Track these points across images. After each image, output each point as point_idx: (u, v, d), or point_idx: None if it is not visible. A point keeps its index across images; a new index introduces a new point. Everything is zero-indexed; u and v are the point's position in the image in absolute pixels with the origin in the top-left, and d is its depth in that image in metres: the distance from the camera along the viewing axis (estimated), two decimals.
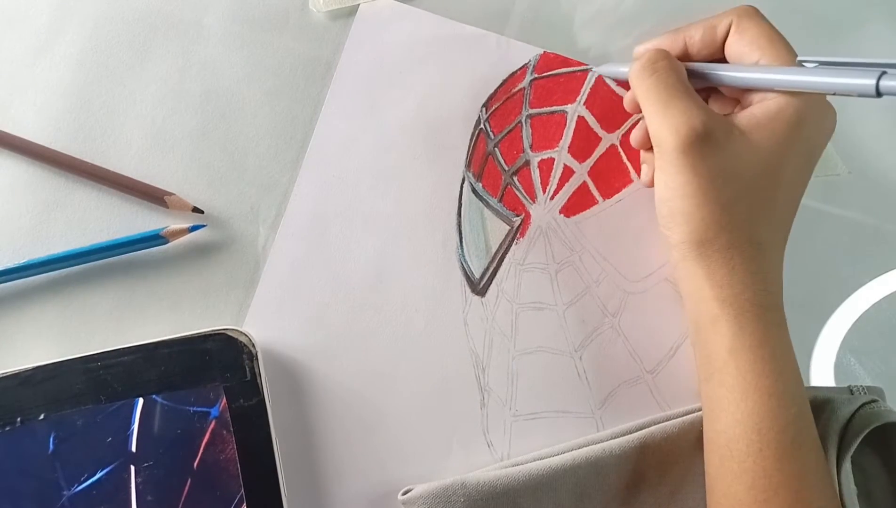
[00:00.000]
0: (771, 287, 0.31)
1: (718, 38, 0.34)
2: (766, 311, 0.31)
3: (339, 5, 0.41)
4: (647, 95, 0.33)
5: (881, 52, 0.45)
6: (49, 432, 0.32)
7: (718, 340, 0.31)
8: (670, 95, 0.32)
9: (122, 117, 0.38)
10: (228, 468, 0.32)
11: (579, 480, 0.33)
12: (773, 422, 0.29)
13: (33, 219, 0.37)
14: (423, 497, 0.32)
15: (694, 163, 0.31)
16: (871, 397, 0.34)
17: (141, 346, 0.33)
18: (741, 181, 0.31)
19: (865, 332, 0.39)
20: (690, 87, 0.33)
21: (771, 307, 0.31)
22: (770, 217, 0.32)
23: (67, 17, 0.40)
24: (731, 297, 0.31)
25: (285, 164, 0.39)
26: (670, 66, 0.33)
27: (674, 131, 0.31)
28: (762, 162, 0.31)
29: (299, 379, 0.36)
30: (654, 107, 0.32)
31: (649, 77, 0.33)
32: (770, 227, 0.32)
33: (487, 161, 0.39)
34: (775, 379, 0.30)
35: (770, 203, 0.32)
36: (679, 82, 0.32)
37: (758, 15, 0.33)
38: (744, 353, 0.30)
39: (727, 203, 0.31)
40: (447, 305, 0.37)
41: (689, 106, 0.31)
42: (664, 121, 0.31)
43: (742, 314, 0.30)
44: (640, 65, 0.34)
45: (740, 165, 0.31)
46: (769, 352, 0.30)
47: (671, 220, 0.32)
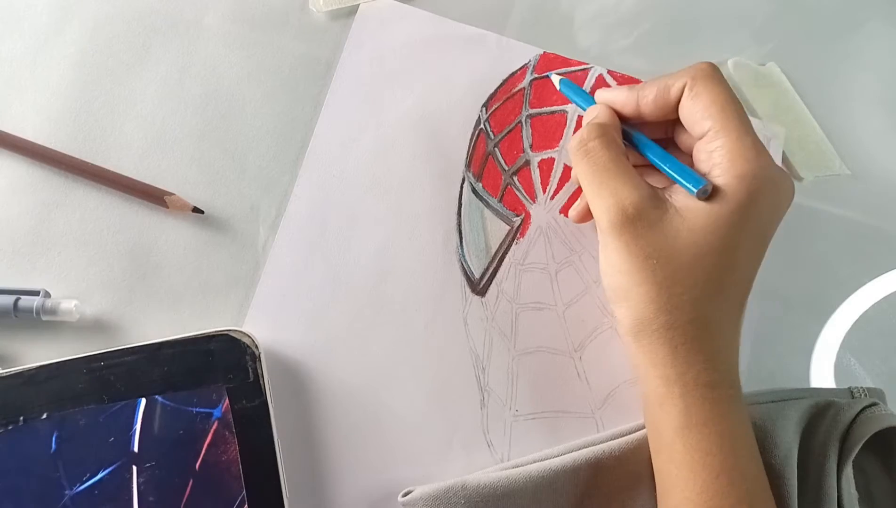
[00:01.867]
0: (719, 365, 0.30)
1: (672, 100, 0.33)
2: (712, 389, 0.30)
3: (339, 5, 0.41)
4: (582, 176, 0.33)
5: (881, 51, 0.45)
6: (51, 431, 0.32)
7: (666, 418, 0.30)
8: (602, 177, 0.32)
9: (122, 117, 0.38)
10: (230, 469, 0.32)
11: (580, 481, 0.33)
12: (722, 500, 0.29)
13: (33, 219, 0.37)
14: (423, 498, 0.32)
15: (627, 242, 0.30)
16: (871, 400, 0.34)
17: (144, 346, 0.33)
18: (679, 261, 0.30)
19: (865, 332, 0.39)
20: (625, 163, 0.32)
21: (718, 384, 0.30)
22: (716, 297, 0.30)
23: (67, 17, 0.40)
24: (674, 376, 0.30)
25: (285, 164, 0.39)
26: (602, 145, 0.33)
27: (606, 211, 0.31)
28: (701, 243, 0.30)
29: (299, 378, 0.36)
30: (589, 187, 0.32)
31: (582, 157, 0.33)
32: (716, 307, 0.30)
33: (487, 161, 0.39)
34: (724, 457, 0.29)
35: (716, 283, 0.30)
36: (611, 161, 0.32)
37: (714, 76, 0.32)
38: (690, 432, 0.30)
39: (664, 283, 0.30)
40: (447, 305, 0.37)
41: (621, 186, 0.31)
42: (597, 201, 0.32)
43: (687, 393, 0.30)
44: (574, 145, 0.34)
45: (677, 245, 0.30)
46: (716, 430, 0.29)
47: (614, 297, 0.32)
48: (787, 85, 0.43)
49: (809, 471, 0.33)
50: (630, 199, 0.31)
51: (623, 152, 0.33)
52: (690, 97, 0.32)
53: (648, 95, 0.33)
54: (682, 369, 0.30)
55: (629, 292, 0.31)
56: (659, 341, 0.30)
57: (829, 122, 0.43)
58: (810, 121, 0.42)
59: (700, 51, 0.43)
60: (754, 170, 0.30)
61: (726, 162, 0.31)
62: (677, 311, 0.30)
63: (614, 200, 0.31)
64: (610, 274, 0.32)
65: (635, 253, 0.30)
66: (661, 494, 0.31)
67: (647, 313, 0.30)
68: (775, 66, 0.43)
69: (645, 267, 0.30)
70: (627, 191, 0.31)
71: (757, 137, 0.31)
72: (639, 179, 0.32)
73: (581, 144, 0.33)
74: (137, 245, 0.37)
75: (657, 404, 0.31)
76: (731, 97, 0.32)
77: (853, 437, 0.33)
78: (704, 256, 0.30)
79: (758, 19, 0.44)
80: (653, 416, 0.32)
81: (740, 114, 0.31)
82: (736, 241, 0.30)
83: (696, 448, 0.29)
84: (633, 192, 0.31)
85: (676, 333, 0.30)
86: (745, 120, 0.31)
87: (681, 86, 0.32)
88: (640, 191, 0.31)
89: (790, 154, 0.42)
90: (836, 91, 0.44)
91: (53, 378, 0.33)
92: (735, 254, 0.30)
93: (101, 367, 0.33)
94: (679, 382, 0.30)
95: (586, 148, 0.33)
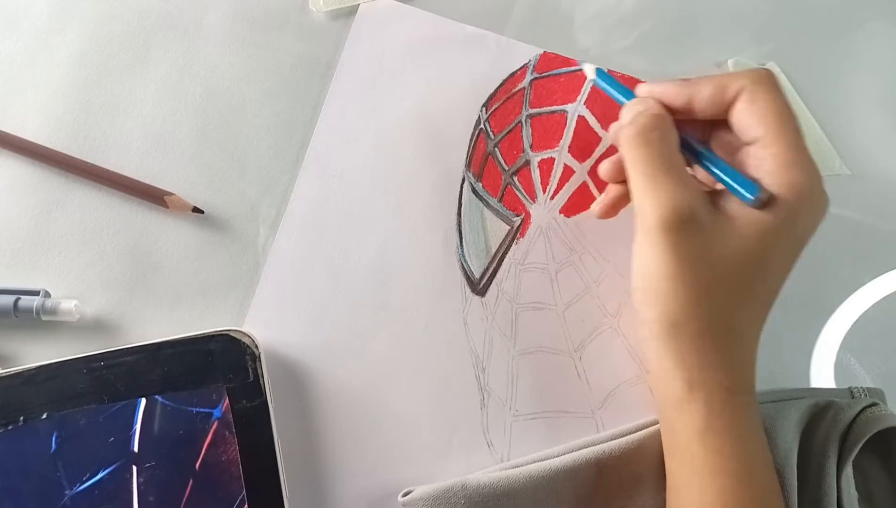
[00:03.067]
0: (744, 371, 0.30)
1: (727, 101, 0.32)
2: (734, 395, 0.30)
3: (339, 5, 0.41)
4: (635, 165, 0.31)
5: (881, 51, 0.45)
6: (51, 431, 0.32)
7: (686, 421, 0.30)
8: (658, 170, 0.30)
9: (122, 117, 0.38)
10: (230, 469, 0.32)
11: (580, 482, 0.33)
12: (738, 504, 0.29)
13: (33, 219, 0.37)
14: (423, 498, 0.32)
15: (675, 244, 0.29)
16: (871, 400, 0.34)
17: (144, 346, 0.33)
18: (722, 267, 0.29)
19: (865, 332, 0.39)
20: (681, 161, 0.31)
21: (740, 390, 0.30)
22: (748, 305, 0.30)
23: (67, 17, 0.40)
24: (699, 380, 0.30)
25: (285, 164, 0.39)
26: (663, 138, 0.31)
27: (657, 208, 0.29)
28: (747, 251, 0.30)
29: (299, 378, 0.36)
30: (641, 179, 0.31)
31: (641, 146, 0.31)
32: (747, 315, 0.30)
33: (487, 161, 0.39)
34: (742, 462, 0.29)
35: (750, 291, 0.30)
36: (670, 156, 0.31)
37: (772, 83, 0.31)
38: (711, 436, 0.29)
39: (705, 288, 0.29)
40: (447, 305, 0.37)
41: (677, 184, 0.30)
42: (649, 196, 0.30)
43: (711, 397, 0.30)
44: (633, 131, 0.32)
45: (723, 252, 0.29)
46: (736, 435, 0.29)
47: (645, 297, 0.31)
48: (787, 85, 0.43)
49: (809, 471, 0.33)
50: (686, 200, 0.29)
51: (679, 150, 0.32)
52: (747, 101, 0.31)
53: (704, 92, 0.32)
54: (707, 373, 0.30)
55: (666, 296, 0.30)
56: (688, 345, 0.30)
57: (829, 122, 0.43)
58: (810, 121, 0.42)
59: (700, 51, 0.43)
60: (805, 181, 0.30)
61: (779, 170, 0.30)
62: (712, 317, 0.30)
63: (669, 197, 0.29)
64: (647, 274, 0.30)
65: (682, 256, 0.29)
66: (673, 494, 0.31)
67: (682, 317, 0.30)
68: (775, 66, 0.43)
69: (690, 272, 0.29)
70: (683, 190, 0.30)
71: (808, 150, 0.30)
72: (693, 180, 0.31)
73: (643, 132, 0.31)
74: (137, 245, 0.37)
75: (675, 406, 0.30)
76: (789, 107, 0.31)
77: (853, 437, 0.33)
78: (747, 264, 0.30)
79: (758, 19, 0.44)
80: (669, 418, 0.31)
81: (796, 125, 0.31)
82: (779, 250, 0.30)
83: (716, 453, 0.29)
84: (688, 193, 0.30)
85: (707, 339, 0.30)
86: (800, 131, 0.31)
87: (737, 88, 0.31)
88: (696, 193, 0.30)
89: None
90: (836, 91, 0.44)
91: (53, 378, 0.33)
92: (774, 263, 0.30)
93: (101, 367, 0.33)
94: (704, 387, 0.30)
95: (647, 137, 0.31)
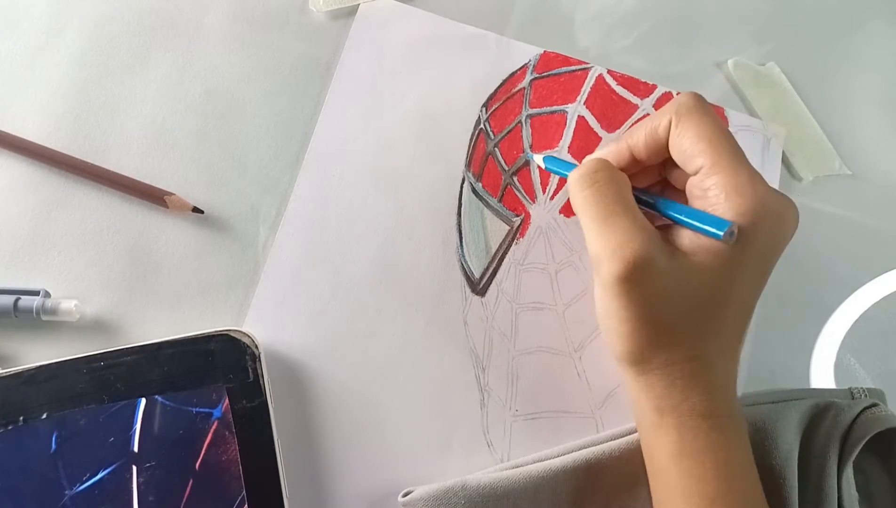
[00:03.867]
0: (715, 396, 0.30)
1: (662, 140, 0.31)
2: (706, 419, 0.29)
3: (339, 5, 0.41)
4: (585, 209, 0.31)
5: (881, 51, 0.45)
6: (51, 431, 0.32)
7: (660, 445, 0.30)
8: (609, 212, 0.30)
9: (122, 117, 0.38)
10: (230, 469, 0.32)
11: (579, 482, 0.33)
12: None
13: (33, 219, 0.37)
14: (423, 498, 0.32)
15: (630, 289, 0.29)
16: (871, 401, 0.34)
17: (144, 346, 0.33)
18: (682, 304, 0.29)
19: (865, 332, 0.39)
20: (632, 203, 0.30)
21: (712, 413, 0.29)
22: (715, 332, 0.30)
23: (67, 17, 0.40)
24: (669, 407, 0.30)
25: (285, 164, 0.39)
26: (610, 178, 0.31)
27: (610, 255, 0.29)
28: (706, 284, 0.29)
29: (299, 379, 0.36)
30: (592, 224, 0.30)
31: (587, 187, 0.31)
32: (714, 345, 0.30)
33: (487, 161, 0.39)
34: (719, 483, 0.29)
35: (715, 320, 0.29)
36: (619, 197, 0.30)
37: (697, 108, 0.30)
38: (685, 460, 0.29)
39: (666, 325, 0.29)
40: (447, 305, 0.37)
41: (629, 227, 0.29)
42: (601, 242, 0.29)
43: (682, 423, 0.29)
44: (578, 174, 0.31)
45: (682, 289, 0.29)
46: (710, 458, 0.29)
47: (608, 338, 0.31)
48: (787, 85, 0.43)
49: (810, 472, 0.33)
50: (639, 242, 0.28)
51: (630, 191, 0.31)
52: (677, 135, 0.30)
53: (639, 142, 0.32)
54: (677, 400, 0.30)
55: (628, 337, 0.30)
56: (656, 377, 0.30)
57: (829, 122, 0.43)
58: (810, 121, 0.42)
59: (700, 51, 0.43)
60: (753, 205, 0.28)
61: (724, 200, 0.29)
62: (677, 349, 0.29)
63: (622, 241, 0.29)
64: (608, 317, 0.30)
65: (637, 300, 0.29)
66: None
67: (645, 354, 0.30)
68: (775, 65, 0.43)
69: (649, 313, 0.29)
70: (636, 232, 0.29)
71: (751, 168, 0.29)
72: (645, 220, 0.30)
73: (588, 174, 0.31)
74: (137, 245, 0.37)
75: (651, 431, 0.31)
76: (719, 128, 0.30)
77: (853, 438, 0.33)
78: (708, 298, 0.29)
79: (758, 19, 0.44)
80: (647, 440, 0.31)
81: (731, 145, 0.30)
82: (738, 277, 0.29)
83: (689, 476, 0.29)
84: (642, 235, 0.29)
85: (674, 369, 0.29)
86: (737, 151, 0.30)
87: (665, 123, 0.31)
88: (650, 234, 0.29)
89: (790, 154, 0.42)
90: (836, 91, 0.44)
91: (53, 378, 0.33)
92: (736, 290, 0.29)
93: (101, 367, 0.33)
94: (674, 413, 0.30)
95: (594, 178, 0.31)
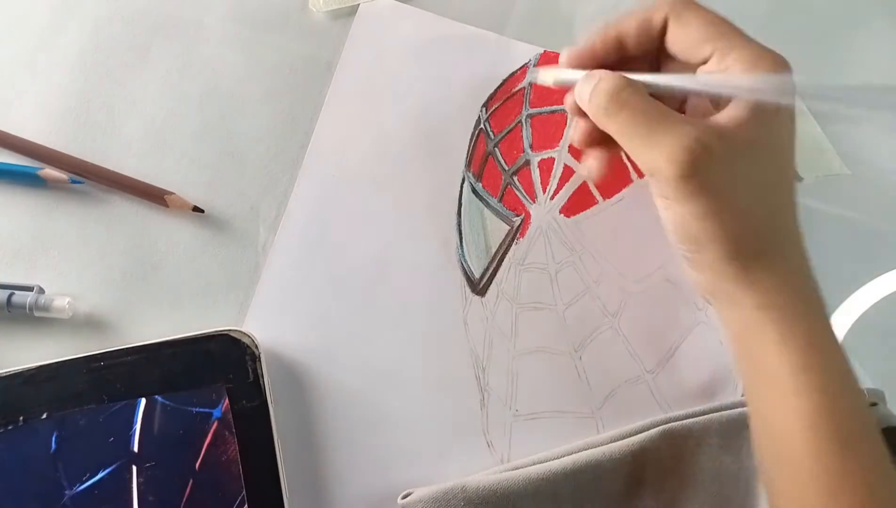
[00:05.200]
0: (808, 280, 0.30)
1: (655, 32, 0.31)
2: (809, 305, 0.29)
3: (339, 5, 0.41)
4: (625, 132, 0.30)
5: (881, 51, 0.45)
6: (51, 431, 0.32)
7: (766, 344, 0.29)
8: (650, 124, 0.29)
9: (122, 117, 0.38)
10: (230, 469, 0.32)
11: (579, 484, 0.33)
12: (829, 417, 0.28)
13: (33, 219, 0.37)
14: (422, 500, 0.32)
15: (701, 184, 0.28)
16: (870, 400, 0.34)
17: (144, 346, 0.33)
18: (751, 180, 0.29)
19: (865, 332, 0.39)
20: (664, 106, 0.30)
21: (812, 299, 0.29)
22: (786, 206, 0.30)
23: (67, 17, 0.40)
24: (772, 301, 0.29)
25: (285, 164, 0.39)
26: (638, 92, 0.30)
27: (668, 159, 0.28)
28: (764, 156, 0.29)
29: (299, 379, 0.36)
30: (639, 141, 0.29)
31: (620, 111, 0.30)
32: (789, 216, 0.30)
33: (487, 161, 0.39)
34: (826, 375, 0.28)
35: (783, 192, 0.30)
36: (652, 106, 0.30)
37: (695, 2, 0.31)
38: (793, 353, 0.29)
39: (747, 209, 0.29)
40: (447, 305, 0.37)
41: (674, 127, 0.29)
42: (655, 151, 0.29)
43: (786, 314, 0.29)
44: (604, 101, 0.30)
45: (745, 166, 0.29)
46: (817, 348, 0.29)
47: (694, 246, 0.30)
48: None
49: None
50: (692, 135, 0.28)
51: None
52: (680, 26, 0.30)
53: (629, 33, 0.32)
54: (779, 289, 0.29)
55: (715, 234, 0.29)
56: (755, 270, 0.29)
57: (829, 122, 0.42)
58: (810, 121, 0.42)
59: None
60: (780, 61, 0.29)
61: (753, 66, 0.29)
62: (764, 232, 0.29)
63: (675, 141, 0.28)
64: (686, 222, 0.29)
65: (711, 191, 0.28)
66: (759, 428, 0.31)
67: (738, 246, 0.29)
68: None
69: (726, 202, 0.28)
70: (683, 128, 0.28)
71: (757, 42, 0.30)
72: (683, 116, 0.30)
73: (614, 97, 0.30)
74: (137, 245, 0.37)
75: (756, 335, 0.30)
76: (720, 16, 0.30)
77: None
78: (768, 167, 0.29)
79: (758, 19, 0.44)
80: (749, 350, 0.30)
81: (737, 29, 0.30)
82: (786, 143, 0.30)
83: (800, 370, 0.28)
84: (690, 128, 0.28)
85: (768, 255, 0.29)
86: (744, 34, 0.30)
87: (661, 17, 0.31)
88: (697, 125, 0.29)
89: None
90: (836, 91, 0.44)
91: (53, 378, 0.33)
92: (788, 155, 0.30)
93: (101, 367, 0.33)
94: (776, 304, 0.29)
95: (620, 99, 0.30)
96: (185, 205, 0.37)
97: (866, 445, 0.28)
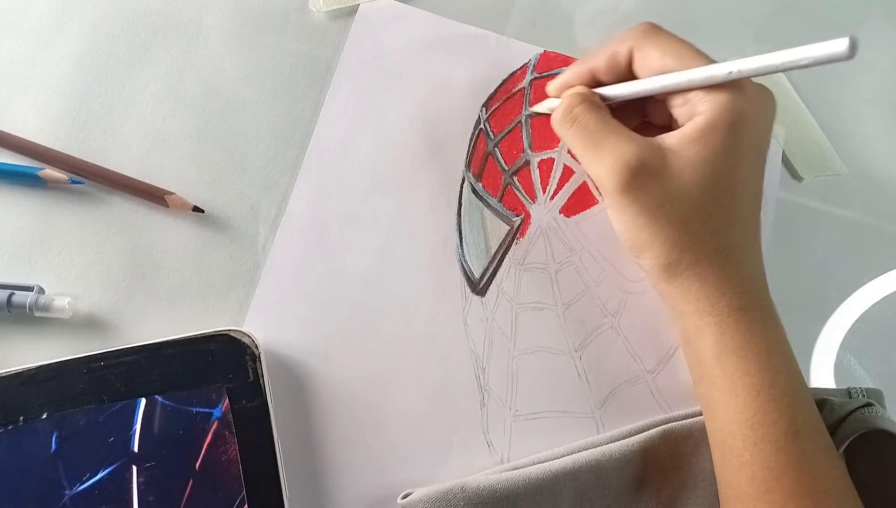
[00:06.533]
0: (748, 289, 0.31)
1: (623, 66, 0.33)
2: (744, 313, 0.31)
3: (339, 5, 0.41)
4: (574, 144, 0.33)
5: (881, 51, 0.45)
6: (51, 431, 0.32)
7: (704, 348, 0.32)
8: (596, 138, 0.32)
9: (122, 117, 0.38)
10: (230, 469, 0.32)
11: (579, 484, 0.33)
12: (764, 416, 0.30)
13: (33, 219, 0.37)
14: (422, 500, 0.32)
15: (636, 197, 0.31)
16: (866, 401, 0.34)
17: (144, 346, 0.33)
18: (690, 198, 0.31)
19: (865, 332, 0.39)
20: (614, 122, 0.33)
21: (749, 307, 0.31)
22: (731, 221, 0.31)
23: (67, 17, 0.40)
24: (707, 307, 0.31)
25: (285, 164, 0.39)
26: (588, 109, 0.33)
27: (608, 172, 0.31)
28: (707, 175, 0.31)
29: (299, 379, 0.36)
30: (585, 154, 0.33)
31: (571, 126, 0.33)
32: (734, 231, 0.31)
33: (487, 161, 0.39)
34: (762, 376, 0.30)
35: (727, 209, 0.31)
36: (600, 122, 0.32)
37: (654, 30, 0.33)
38: (728, 356, 0.31)
39: (682, 223, 0.31)
40: (447, 305, 0.37)
41: (617, 143, 0.31)
42: (598, 165, 0.32)
43: (722, 320, 0.31)
44: (559, 116, 0.34)
45: (685, 184, 0.31)
46: (753, 351, 0.31)
47: (635, 250, 0.33)
48: (787, 85, 0.43)
49: None
50: (631, 152, 0.31)
51: (609, 112, 0.33)
52: (641, 59, 0.32)
53: (600, 67, 0.34)
54: (714, 298, 0.31)
55: (651, 243, 0.31)
56: (689, 278, 0.31)
57: (829, 122, 0.43)
58: (810, 121, 0.42)
59: None
60: (733, 93, 0.31)
61: (705, 96, 0.31)
62: (700, 246, 0.31)
63: (615, 157, 0.31)
64: (627, 231, 0.32)
65: (646, 204, 0.31)
66: (707, 418, 0.33)
67: (672, 256, 0.31)
68: None
69: (660, 216, 0.31)
70: (625, 145, 0.31)
71: None
72: (631, 132, 0.32)
73: (566, 113, 0.33)
74: (137, 245, 0.37)
75: (695, 337, 0.32)
76: (679, 41, 0.32)
77: (839, 436, 0.33)
78: (711, 186, 0.31)
79: (758, 19, 0.44)
80: (692, 349, 0.33)
81: (695, 51, 0.32)
82: (736, 162, 0.31)
83: (734, 371, 0.31)
84: (631, 145, 0.31)
85: (703, 266, 0.31)
86: (702, 54, 0.32)
87: (626, 51, 0.33)
88: (638, 143, 0.31)
89: (790, 154, 0.42)
90: (836, 91, 0.44)
91: (53, 378, 0.33)
92: (738, 175, 0.31)
93: (101, 367, 0.33)
94: (713, 311, 0.31)
95: (572, 115, 0.33)
96: (185, 205, 0.37)
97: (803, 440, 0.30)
